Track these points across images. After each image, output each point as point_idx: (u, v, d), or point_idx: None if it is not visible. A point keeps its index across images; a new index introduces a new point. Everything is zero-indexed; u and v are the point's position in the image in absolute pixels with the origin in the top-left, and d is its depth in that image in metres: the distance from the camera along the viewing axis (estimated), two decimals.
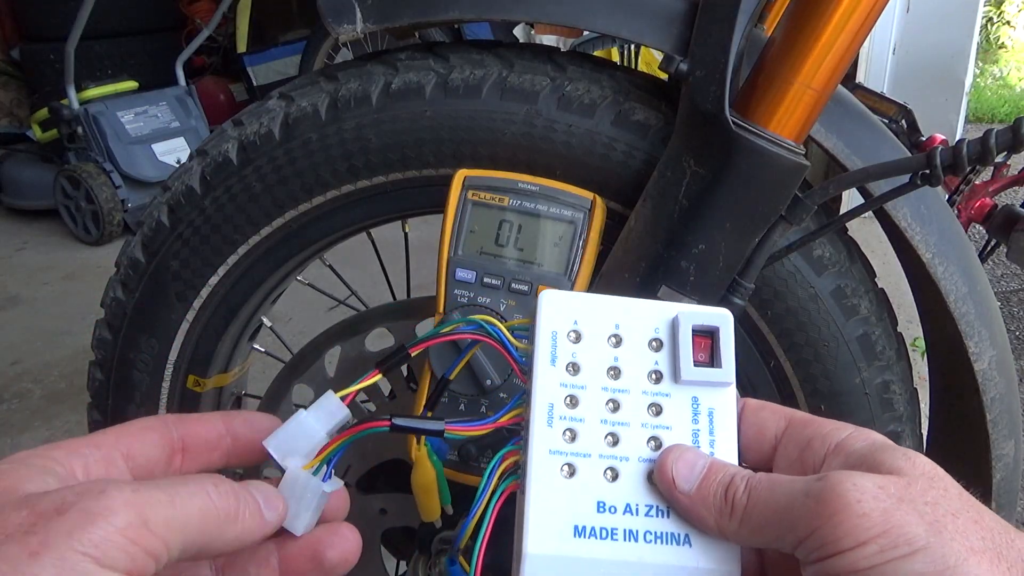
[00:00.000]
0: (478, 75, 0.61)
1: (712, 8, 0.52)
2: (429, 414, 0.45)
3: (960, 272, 0.59)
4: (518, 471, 0.38)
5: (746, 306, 0.57)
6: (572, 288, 0.56)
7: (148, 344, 0.72)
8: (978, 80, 5.47)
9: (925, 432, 0.68)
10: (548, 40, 2.98)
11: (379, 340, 0.73)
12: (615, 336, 0.37)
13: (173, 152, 2.85)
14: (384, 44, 2.87)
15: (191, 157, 0.69)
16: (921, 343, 1.74)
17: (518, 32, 3.12)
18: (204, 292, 0.70)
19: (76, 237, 2.81)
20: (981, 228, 1.88)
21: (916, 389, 0.65)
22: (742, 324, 0.62)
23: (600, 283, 0.58)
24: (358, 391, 0.41)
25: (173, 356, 0.73)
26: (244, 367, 0.83)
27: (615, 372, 0.36)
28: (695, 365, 0.36)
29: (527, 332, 0.38)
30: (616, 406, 0.36)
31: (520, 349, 0.39)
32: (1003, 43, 6.47)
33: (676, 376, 0.36)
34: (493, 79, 0.60)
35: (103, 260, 2.62)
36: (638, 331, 0.37)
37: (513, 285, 0.56)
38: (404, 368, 0.74)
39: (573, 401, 0.36)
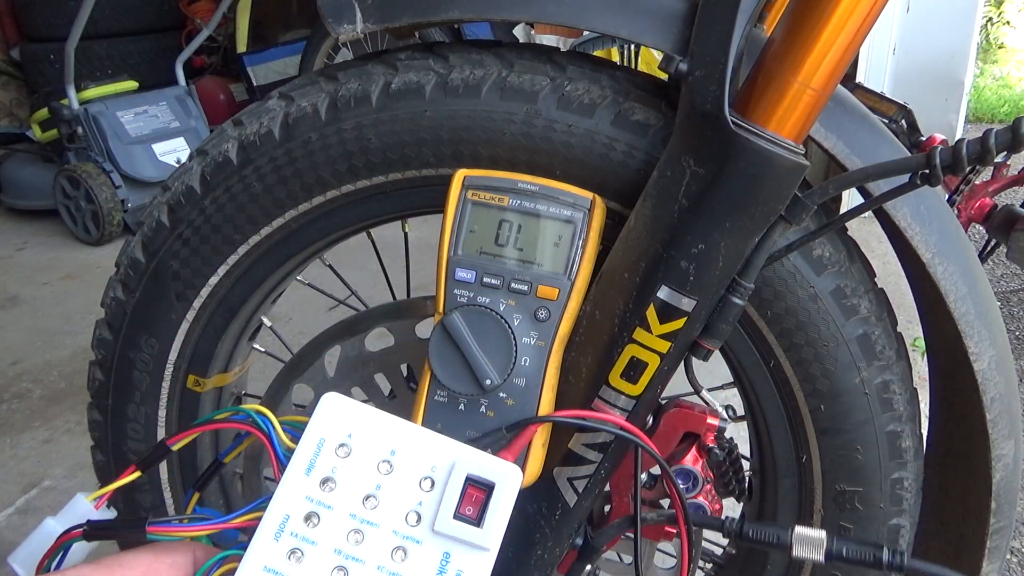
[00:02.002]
0: (478, 75, 0.61)
1: (712, 8, 0.52)
2: (196, 496, 0.42)
3: (960, 272, 0.59)
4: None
5: (746, 306, 0.57)
6: (572, 288, 0.56)
7: (148, 344, 0.72)
8: (978, 80, 5.47)
9: (925, 432, 0.68)
10: (548, 40, 2.98)
11: (379, 340, 0.73)
12: (387, 463, 0.34)
13: (173, 152, 2.85)
14: (384, 44, 2.87)
15: (191, 157, 0.69)
16: (921, 343, 1.74)
17: (518, 32, 3.12)
18: (204, 292, 0.70)
19: (76, 237, 2.81)
20: (981, 228, 1.88)
21: (916, 389, 0.65)
22: (742, 324, 0.62)
23: (600, 283, 0.58)
24: (111, 492, 0.39)
25: (173, 356, 0.73)
26: (244, 367, 0.83)
27: (372, 501, 0.33)
28: (455, 517, 0.33)
29: (301, 431, 0.36)
30: (359, 539, 0.32)
31: (288, 448, 0.36)
32: (1003, 43, 6.47)
33: (433, 523, 0.33)
34: (493, 79, 0.60)
35: (103, 260, 2.62)
36: (414, 464, 0.34)
37: (513, 285, 0.56)
38: (404, 367, 0.74)
39: (313, 520, 0.33)
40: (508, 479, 0.33)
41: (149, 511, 0.78)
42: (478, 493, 0.33)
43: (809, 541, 0.52)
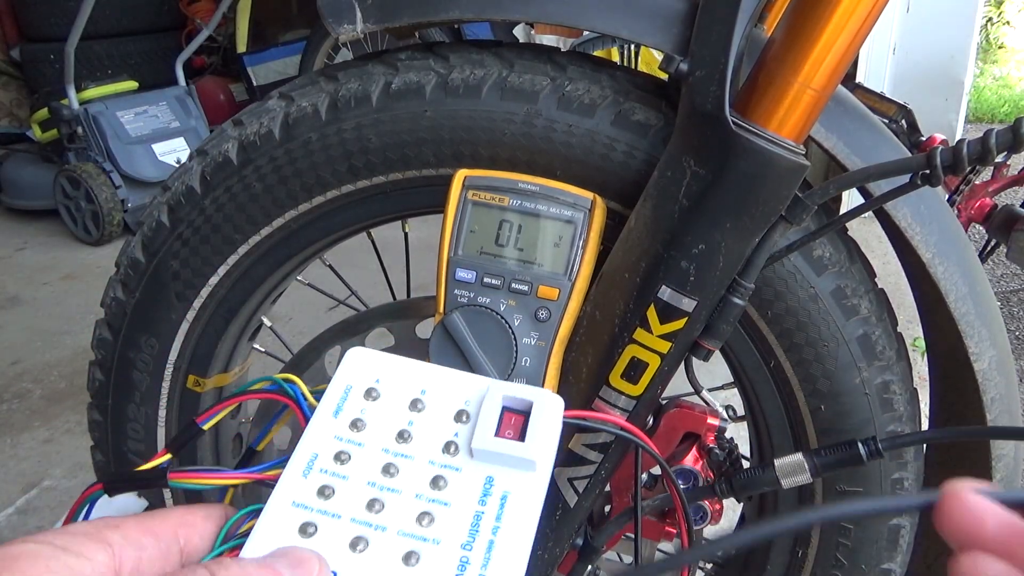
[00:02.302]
0: (478, 75, 0.61)
1: (712, 8, 0.52)
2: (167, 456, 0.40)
3: (960, 272, 0.59)
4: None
5: (746, 306, 0.57)
6: (572, 288, 0.56)
7: (148, 344, 0.72)
8: (978, 80, 5.47)
9: None
10: (548, 40, 2.98)
11: (379, 340, 0.73)
12: (419, 401, 0.33)
13: (173, 152, 2.85)
14: (384, 44, 2.87)
15: (191, 157, 0.69)
16: (921, 343, 1.74)
17: (518, 32, 3.11)
18: (204, 292, 0.70)
19: (76, 237, 2.81)
20: (981, 228, 1.88)
21: (916, 389, 0.65)
22: (742, 324, 0.62)
23: (600, 283, 0.58)
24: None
25: (173, 356, 0.73)
26: (244, 367, 0.83)
27: (404, 436, 0.32)
28: (495, 435, 0.32)
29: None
30: (394, 472, 0.31)
31: (311, 406, 0.35)
32: (1003, 43, 6.47)
33: (470, 447, 0.32)
34: (493, 79, 0.60)
35: (103, 260, 2.62)
36: (447, 400, 0.33)
37: (513, 285, 0.56)
38: None
39: (343, 457, 0.32)
40: (547, 401, 0.32)
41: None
42: (516, 417, 0.33)
43: (791, 468, 0.56)
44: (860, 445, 0.55)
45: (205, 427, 0.39)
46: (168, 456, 0.39)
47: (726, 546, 0.36)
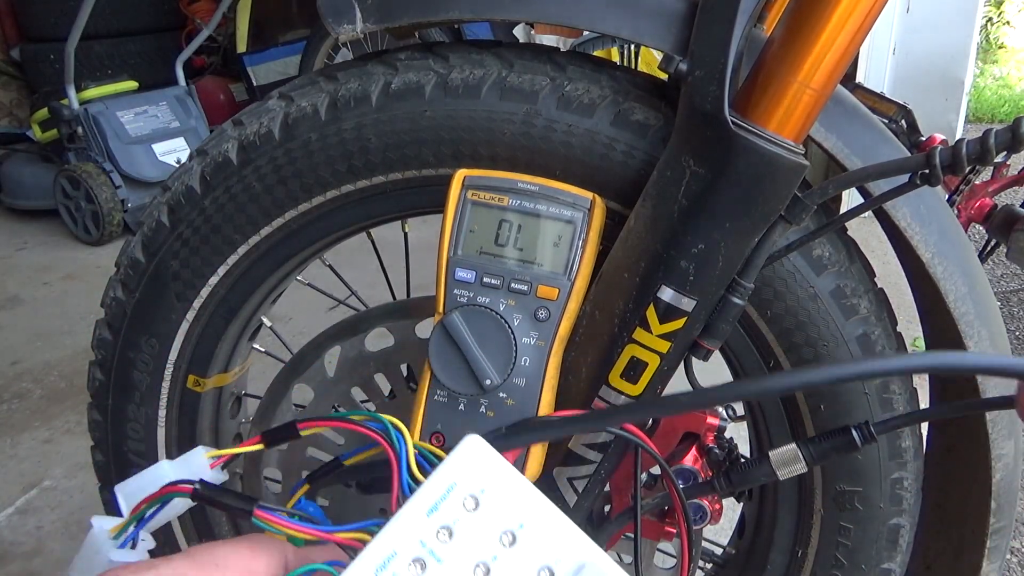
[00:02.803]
0: (478, 75, 0.61)
1: (712, 8, 0.52)
2: (306, 488, 0.40)
3: (960, 272, 0.59)
4: None
5: (745, 306, 0.57)
6: (572, 288, 0.56)
7: (148, 344, 0.72)
8: (978, 80, 5.47)
9: (925, 432, 0.68)
10: (548, 40, 2.98)
11: (379, 340, 0.73)
12: (512, 535, 0.31)
13: (173, 152, 2.85)
14: (384, 44, 2.87)
15: (191, 157, 0.69)
16: (921, 343, 1.74)
17: (518, 32, 3.12)
18: (204, 292, 0.70)
19: (76, 237, 2.81)
20: (981, 228, 1.88)
21: (916, 389, 0.65)
22: (742, 324, 0.62)
23: (600, 283, 0.58)
24: (229, 455, 0.38)
25: (173, 356, 0.73)
26: (244, 367, 0.83)
27: (482, 570, 0.31)
28: None
29: (433, 464, 0.34)
30: None
31: (413, 476, 0.34)
32: (1003, 43, 6.47)
33: None
34: (493, 79, 0.60)
35: (103, 260, 2.62)
36: (540, 547, 0.31)
37: (513, 285, 0.56)
38: (404, 368, 0.74)
39: (418, 566, 0.30)
40: None
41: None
42: None
43: (786, 458, 0.56)
44: (853, 430, 0.54)
45: (302, 433, 0.38)
46: (260, 446, 0.37)
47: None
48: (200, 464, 0.37)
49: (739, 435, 0.69)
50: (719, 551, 0.85)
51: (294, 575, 0.33)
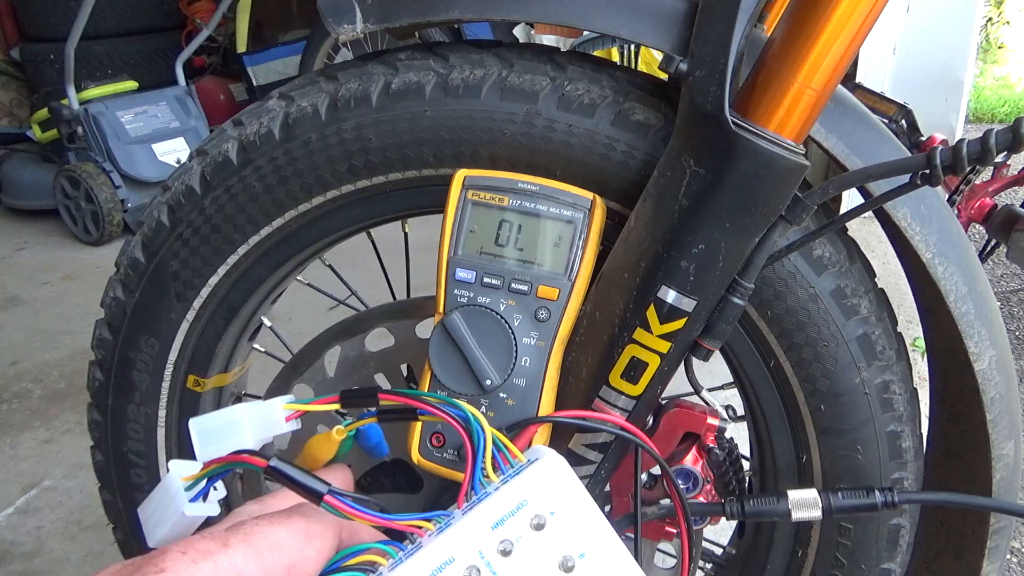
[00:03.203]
0: (478, 75, 0.61)
1: (712, 8, 0.52)
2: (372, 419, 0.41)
3: (960, 272, 0.59)
4: (367, 569, 0.32)
5: (746, 306, 0.57)
6: (572, 288, 0.56)
7: (148, 344, 0.72)
8: (978, 80, 5.47)
9: (925, 432, 0.68)
10: (548, 40, 2.98)
11: (379, 340, 0.73)
12: (573, 564, 0.31)
13: (173, 152, 2.85)
14: (384, 44, 2.87)
15: (191, 157, 0.69)
16: (921, 343, 1.74)
17: (518, 32, 3.12)
18: (204, 292, 0.70)
19: (76, 237, 2.81)
20: (981, 228, 1.88)
21: (916, 389, 0.65)
22: (742, 324, 0.62)
23: (600, 283, 0.58)
24: (305, 410, 0.38)
25: (173, 356, 0.73)
26: (244, 367, 0.83)
27: None
28: None
29: (508, 467, 0.33)
30: None
31: (486, 474, 0.34)
32: (1003, 43, 6.47)
33: None
34: (493, 79, 0.60)
35: (103, 260, 2.62)
36: (595, 567, 0.31)
37: (513, 285, 0.56)
38: (404, 368, 0.74)
39: (475, 575, 0.30)
40: None
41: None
42: None
43: (804, 503, 0.56)
44: (878, 493, 0.55)
45: (380, 403, 0.38)
46: (337, 405, 0.37)
47: None
48: (276, 416, 0.37)
49: (739, 435, 0.69)
50: (719, 551, 0.85)
51: (347, 552, 0.33)
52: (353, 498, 0.34)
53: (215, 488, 0.36)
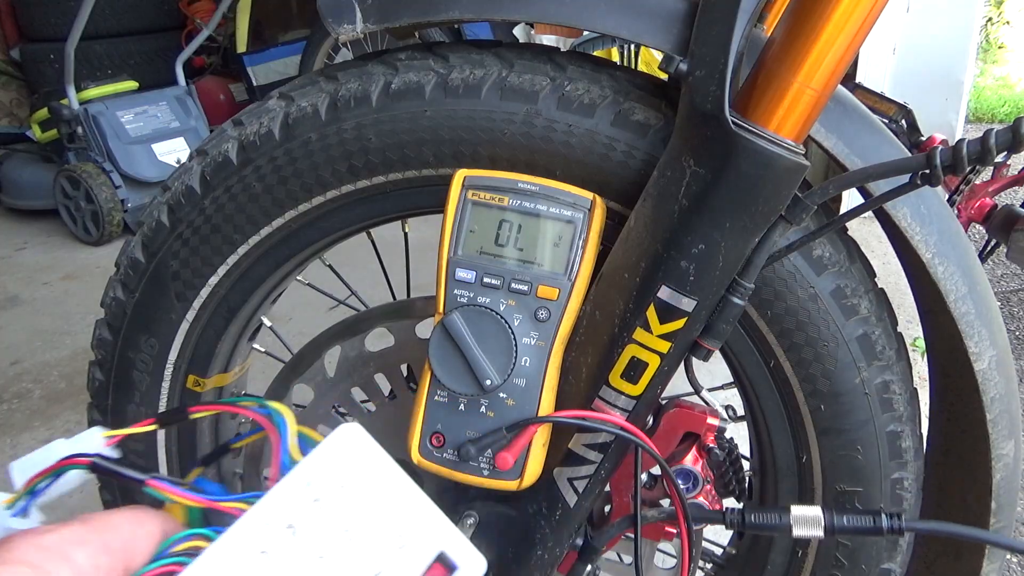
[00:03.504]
0: (478, 75, 0.61)
1: (712, 8, 0.52)
2: (199, 470, 0.43)
3: (960, 272, 0.59)
4: (192, 554, 0.34)
5: (746, 306, 0.57)
6: (572, 288, 0.56)
7: (148, 344, 0.72)
8: (978, 80, 5.46)
9: (925, 432, 0.68)
10: (548, 40, 2.98)
11: (379, 340, 0.73)
12: (375, 510, 0.33)
13: (173, 152, 2.85)
14: (384, 44, 2.87)
15: (191, 157, 0.69)
16: (921, 343, 1.74)
17: (518, 32, 3.11)
18: (204, 292, 0.70)
19: (76, 237, 2.81)
20: (981, 228, 1.88)
21: (916, 389, 0.65)
22: (742, 324, 0.62)
23: (600, 283, 0.58)
24: (124, 435, 0.40)
25: (173, 356, 0.73)
26: (244, 367, 0.83)
27: (347, 536, 0.33)
28: None
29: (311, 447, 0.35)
30: (320, 568, 0.32)
31: (293, 458, 0.36)
32: (1003, 43, 6.46)
33: None
34: (493, 79, 0.60)
35: (103, 260, 2.62)
36: (401, 524, 0.34)
37: (513, 285, 0.56)
38: (404, 368, 0.74)
39: (292, 532, 0.32)
40: (473, 568, 0.34)
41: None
42: (442, 571, 0.34)
43: (807, 520, 0.55)
44: (884, 517, 0.54)
45: (191, 416, 0.40)
46: (154, 426, 0.40)
47: None
48: (96, 443, 0.39)
49: (739, 435, 0.69)
50: (719, 551, 0.85)
51: (175, 538, 0.35)
52: (174, 481, 0.36)
53: (35, 511, 0.38)
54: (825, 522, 0.55)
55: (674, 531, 0.66)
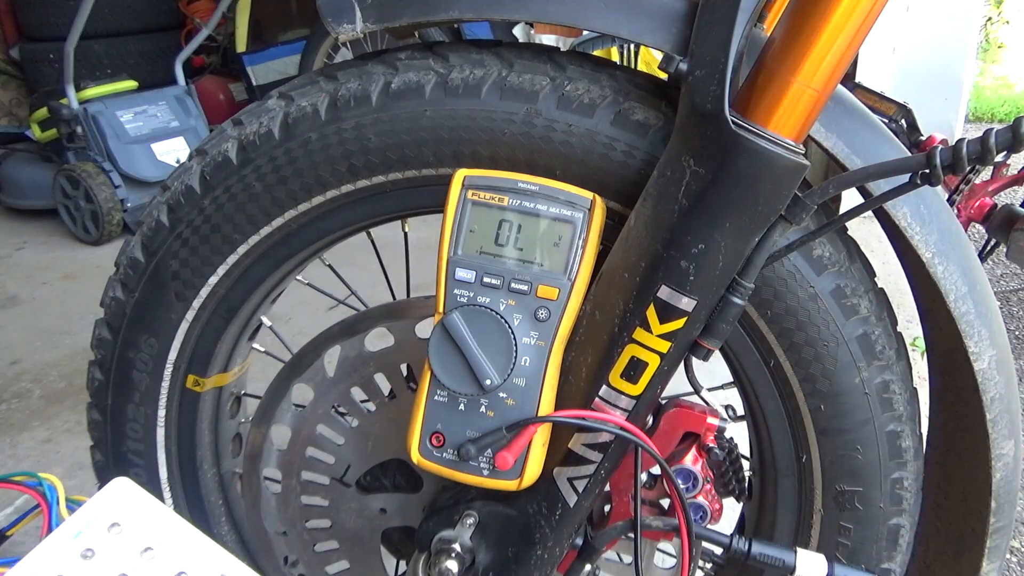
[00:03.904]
0: (478, 75, 0.61)
1: (712, 8, 0.52)
2: None
3: (960, 272, 0.59)
4: None
5: (746, 306, 0.57)
6: (572, 288, 0.56)
7: (148, 344, 0.72)
8: (978, 80, 5.47)
9: (925, 432, 0.68)
10: (548, 40, 2.98)
11: (379, 340, 0.73)
12: (151, 551, 0.34)
13: (172, 152, 2.84)
14: (384, 44, 2.87)
15: (190, 157, 0.69)
16: (921, 343, 1.74)
17: (518, 32, 3.11)
18: (204, 292, 0.70)
19: (75, 237, 2.80)
20: (981, 228, 1.88)
21: (916, 389, 0.65)
22: (742, 324, 0.62)
23: (600, 282, 0.58)
24: None
25: (173, 356, 0.73)
26: (244, 367, 0.83)
27: None
28: None
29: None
30: None
31: (62, 516, 0.37)
32: (1003, 43, 6.46)
33: None
34: (493, 79, 0.60)
35: (103, 260, 2.62)
36: (176, 557, 0.34)
37: (513, 285, 0.56)
38: (404, 367, 0.74)
39: None
40: None
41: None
42: None
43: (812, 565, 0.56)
44: None
45: None
46: None
47: None
48: None
49: (739, 435, 0.69)
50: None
51: None
52: None
53: None
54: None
55: (674, 532, 0.66)
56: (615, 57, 2.61)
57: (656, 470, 0.67)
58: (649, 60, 2.56)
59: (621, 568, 0.79)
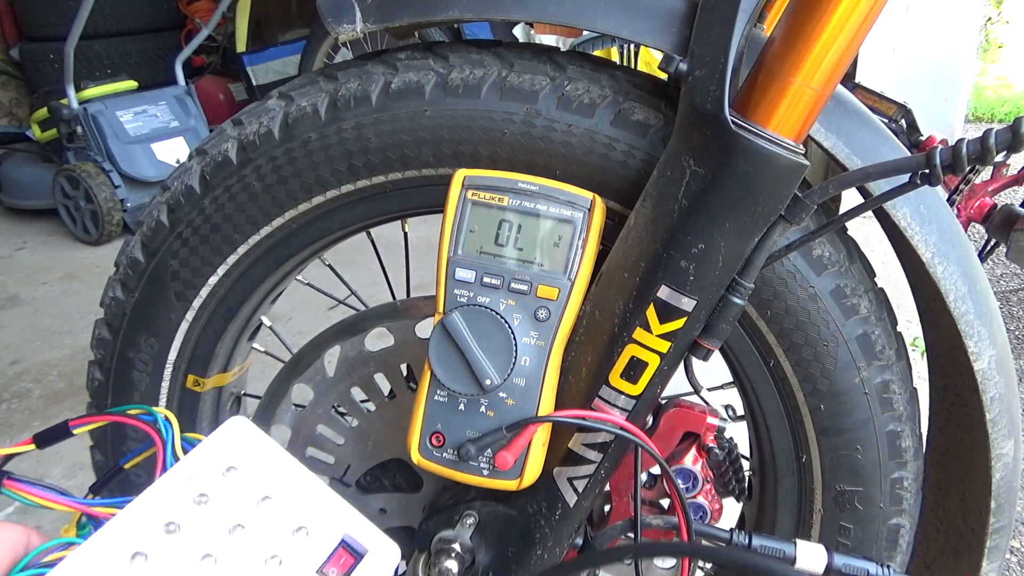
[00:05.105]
0: (478, 75, 0.61)
1: (712, 8, 0.52)
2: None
3: (960, 272, 0.59)
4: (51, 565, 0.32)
5: (745, 306, 0.57)
6: (572, 288, 0.56)
7: (148, 344, 0.72)
8: (978, 80, 5.47)
9: (925, 432, 0.68)
10: (548, 40, 2.98)
11: (379, 340, 0.73)
12: (269, 499, 0.32)
13: (172, 152, 2.85)
14: (384, 44, 2.87)
15: (190, 157, 0.69)
16: (921, 343, 1.74)
17: (518, 32, 3.11)
18: (204, 292, 0.70)
19: (75, 237, 2.81)
20: (981, 228, 1.88)
21: (916, 389, 0.65)
22: (742, 324, 0.62)
23: (600, 282, 0.58)
24: (3, 456, 0.40)
25: (173, 356, 0.73)
26: (244, 367, 0.83)
27: (240, 532, 0.31)
28: (316, 572, 0.31)
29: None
30: (211, 565, 0.30)
31: (177, 455, 0.35)
32: (1003, 43, 6.46)
33: (292, 571, 0.31)
34: (493, 79, 0.60)
35: (102, 260, 2.62)
36: (296, 509, 0.32)
37: (513, 285, 0.56)
38: (404, 367, 0.74)
39: (171, 528, 0.31)
40: (384, 554, 0.32)
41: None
42: (348, 558, 0.32)
43: (811, 556, 0.56)
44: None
45: (76, 431, 0.40)
46: (32, 447, 0.39)
47: None
48: None
49: (739, 435, 0.69)
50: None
51: (37, 550, 0.33)
52: (32, 481, 0.35)
53: None
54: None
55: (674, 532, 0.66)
56: (615, 57, 2.61)
57: (656, 470, 0.67)
58: (649, 60, 2.56)
59: (621, 568, 0.79)
